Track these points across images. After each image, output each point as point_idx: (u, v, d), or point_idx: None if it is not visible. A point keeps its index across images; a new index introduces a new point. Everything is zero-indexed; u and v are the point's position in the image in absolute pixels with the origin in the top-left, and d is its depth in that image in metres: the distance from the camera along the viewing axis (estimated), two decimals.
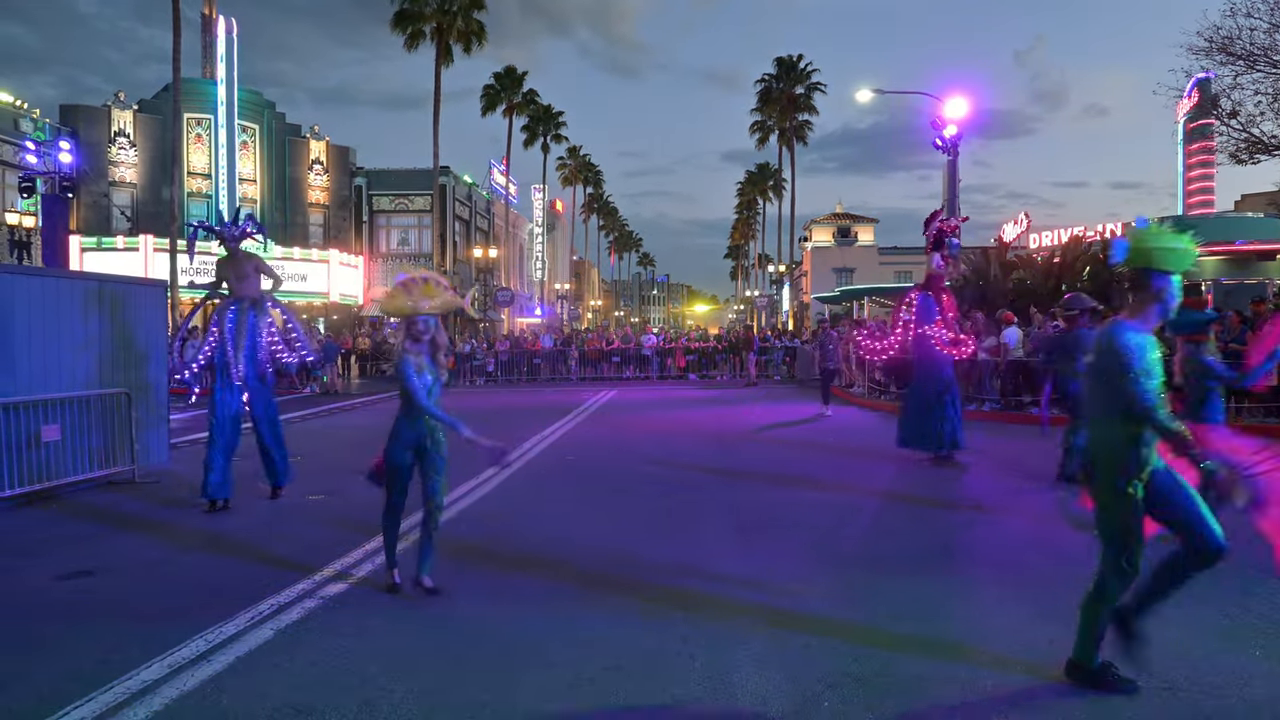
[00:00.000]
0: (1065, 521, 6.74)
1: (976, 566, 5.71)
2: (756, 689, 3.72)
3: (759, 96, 54.88)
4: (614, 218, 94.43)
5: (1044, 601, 4.77)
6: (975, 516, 7.24)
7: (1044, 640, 4.15)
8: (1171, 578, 3.50)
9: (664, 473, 9.57)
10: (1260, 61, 20.62)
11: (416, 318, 5.00)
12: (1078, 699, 3.54)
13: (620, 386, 23.97)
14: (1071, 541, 5.96)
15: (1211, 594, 4.56)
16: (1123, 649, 3.55)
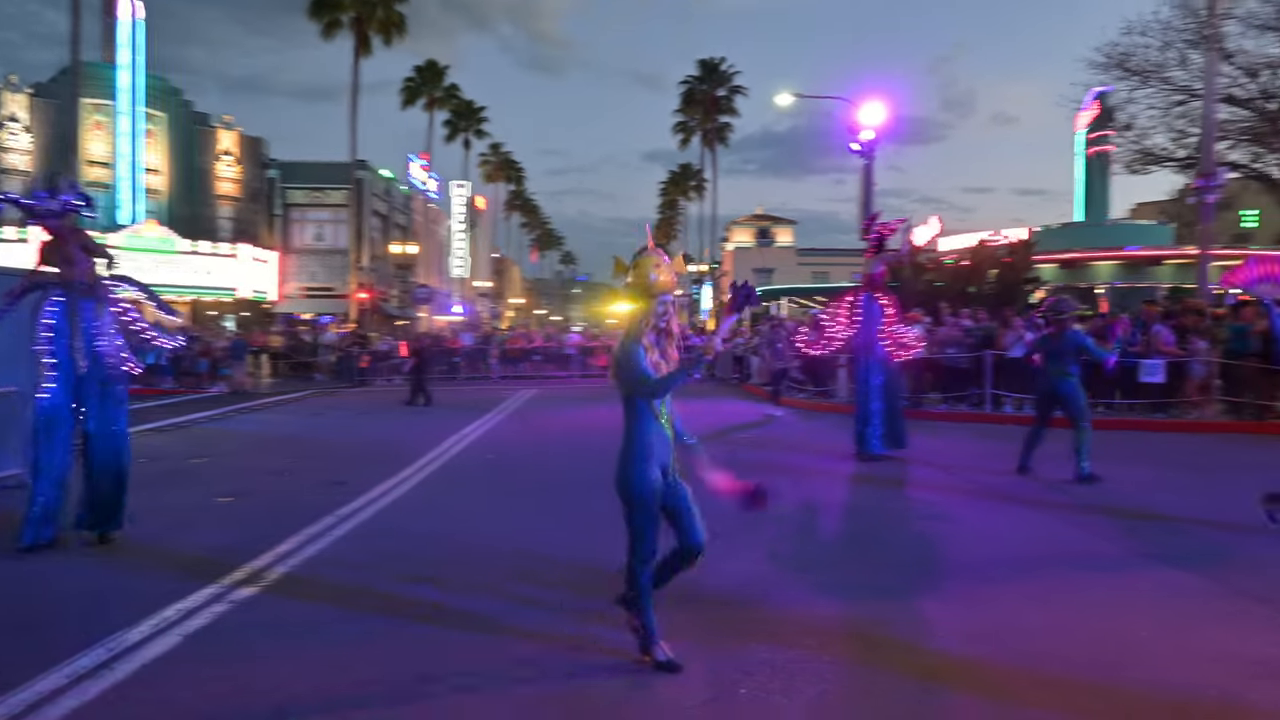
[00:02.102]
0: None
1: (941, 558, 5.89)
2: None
3: (682, 97, 55.35)
4: (536, 215, 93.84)
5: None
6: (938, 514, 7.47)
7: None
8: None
9: (587, 470, 9.57)
10: (1152, 78, 21.79)
11: (664, 297, 3.94)
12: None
13: (542, 384, 23.85)
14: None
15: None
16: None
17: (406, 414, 16.16)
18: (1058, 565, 5.62)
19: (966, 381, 15.01)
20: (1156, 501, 7.52)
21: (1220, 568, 5.47)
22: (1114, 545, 6.17)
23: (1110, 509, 7.21)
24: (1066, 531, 6.65)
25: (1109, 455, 9.01)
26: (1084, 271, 36.36)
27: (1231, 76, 20.56)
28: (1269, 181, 22.06)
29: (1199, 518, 6.86)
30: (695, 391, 21.75)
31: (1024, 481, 8.53)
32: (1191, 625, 4.44)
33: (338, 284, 37.38)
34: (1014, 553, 6.00)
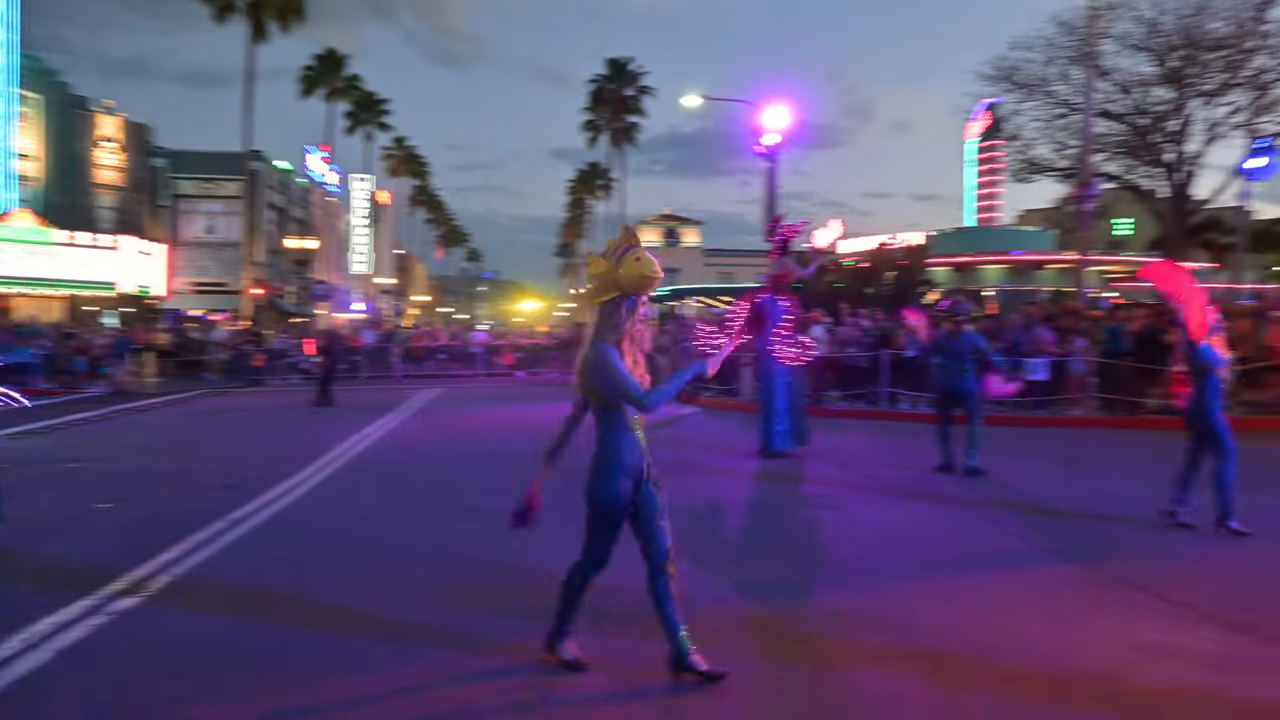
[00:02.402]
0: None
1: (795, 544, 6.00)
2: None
3: (591, 96, 55.31)
4: (441, 211, 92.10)
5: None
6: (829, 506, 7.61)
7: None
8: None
9: (495, 470, 9.43)
10: (1037, 92, 23.00)
11: (642, 296, 3.60)
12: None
13: (447, 384, 23.42)
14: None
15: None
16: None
17: (304, 414, 15.61)
18: (954, 556, 5.84)
19: (865, 380, 15.47)
20: (1043, 494, 7.91)
21: (1102, 557, 5.79)
22: (1007, 536, 6.44)
23: (1003, 503, 7.54)
24: (962, 524, 6.92)
25: (999, 451, 9.43)
26: (974, 274, 38.07)
27: (1107, 92, 21.89)
28: (1140, 191, 23.56)
29: (1082, 510, 7.25)
30: None
31: (918, 477, 8.84)
32: (1079, 613, 4.67)
33: (230, 279, 35.82)
34: (911, 545, 6.20)
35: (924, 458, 9.19)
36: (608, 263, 3.55)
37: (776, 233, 10.97)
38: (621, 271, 3.50)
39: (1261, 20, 20.25)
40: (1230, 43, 20.48)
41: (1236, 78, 20.87)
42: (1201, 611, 4.62)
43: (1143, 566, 5.53)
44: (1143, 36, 21.24)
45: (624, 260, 3.50)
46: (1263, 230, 43.00)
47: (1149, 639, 4.21)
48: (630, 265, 3.48)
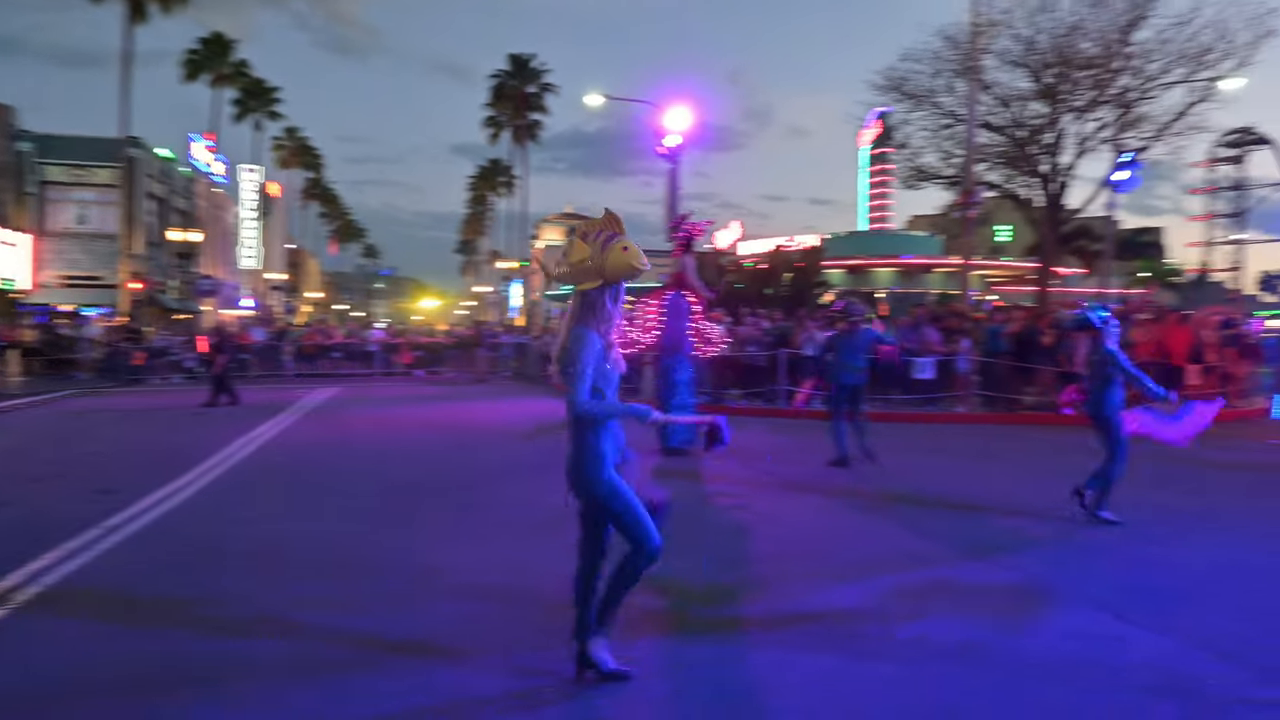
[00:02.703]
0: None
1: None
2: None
3: (492, 92, 54.61)
4: (336, 205, 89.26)
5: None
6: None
7: None
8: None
9: (391, 471, 9.23)
10: (925, 102, 23.96)
11: (623, 284, 3.50)
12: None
13: (342, 383, 22.75)
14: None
15: None
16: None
17: (189, 415, 14.87)
18: (849, 546, 6.06)
19: (763, 378, 15.83)
20: (930, 486, 8.28)
21: (983, 543, 6.10)
22: (894, 526, 6.72)
23: (892, 495, 7.86)
24: (854, 516, 7.19)
25: (889, 446, 9.81)
26: (867, 277, 39.48)
27: (989, 105, 23.00)
28: (1018, 200, 24.86)
29: (965, 500, 7.63)
30: (506, 390, 21.57)
31: (815, 471, 9.13)
32: (942, 590, 4.93)
33: (106, 272, 33.74)
34: (809, 537, 6.40)
35: (819, 453, 9.48)
36: (591, 249, 3.38)
37: (680, 230, 11.09)
38: (608, 261, 3.36)
39: (1126, 43, 21.67)
40: (1098, 63, 21.84)
41: (1104, 95, 22.28)
42: (1069, 593, 4.94)
43: (1022, 552, 5.86)
44: (1020, 53, 22.43)
45: (610, 249, 3.36)
46: (1128, 239, 46.19)
47: (1031, 619, 4.48)
48: (617, 255, 3.36)
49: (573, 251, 3.43)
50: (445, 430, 13.03)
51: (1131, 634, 4.28)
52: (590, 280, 3.40)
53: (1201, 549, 5.94)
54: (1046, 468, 9.52)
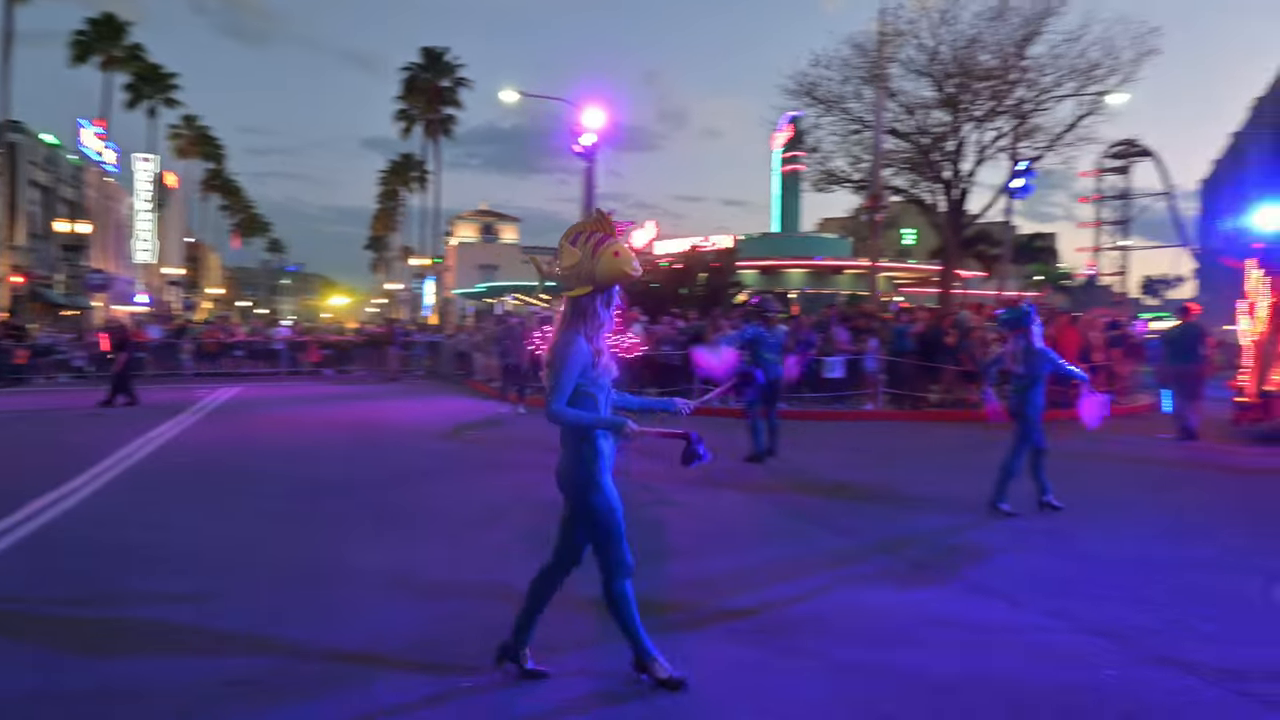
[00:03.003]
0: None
1: None
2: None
3: (404, 85, 53.48)
4: (239, 198, 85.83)
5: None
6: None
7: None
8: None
9: (297, 473, 8.95)
10: (834, 108, 24.58)
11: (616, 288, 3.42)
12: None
13: (246, 383, 21.93)
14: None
15: None
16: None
17: (82, 416, 14.09)
18: (760, 537, 6.18)
19: (679, 376, 15.98)
20: (840, 480, 8.53)
21: (884, 535, 6.32)
22: (799, 519, 6.89)
23: (802, 486, 8.06)
24: (768, 508, 7.34)
25: (802, 444, 10.06)
26: (780, 278, 40.24)
27: (895, 112, 23.77)
28: (923, 205, 25.76)
29: (872, 493, 7.88)
30: (419, 389, 21.17)
31: (733, 466, 9.28)
32: (856, 581, 5.09)
33: None
34: (727, 532, 6.51)
35: (736, 449, 9.63)
36: (581, 253, 3.30)
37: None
38: (598, 267, 3.28)
39: (1022, 57, 22.72)
40: (996, 74, 22.83)
41: (1002, 106, 23.31)
42: (971, 583, 5.17)
43: (924, 544, 6.09)
44: (925, 63, 23.25)
45: (600, 253, 3.28)
46: (1024, 243, 48.38)
47: (930, 611, 4.66)
48: (608, 261, 3.28)
49: (563, 256, 3.35)
50: (358, 430, 12.72)
51: (1025, 619, 4.51)
52: (581, 286, 3.32)
53: (1099, 540, 6.28)
54: (952, 463, 9.92)
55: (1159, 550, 5.95)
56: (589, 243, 3.30)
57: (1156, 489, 8.47)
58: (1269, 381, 11.09)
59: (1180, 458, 10.50)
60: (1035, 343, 6.98)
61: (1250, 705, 3.46)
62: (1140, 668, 3.83)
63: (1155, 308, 50.12)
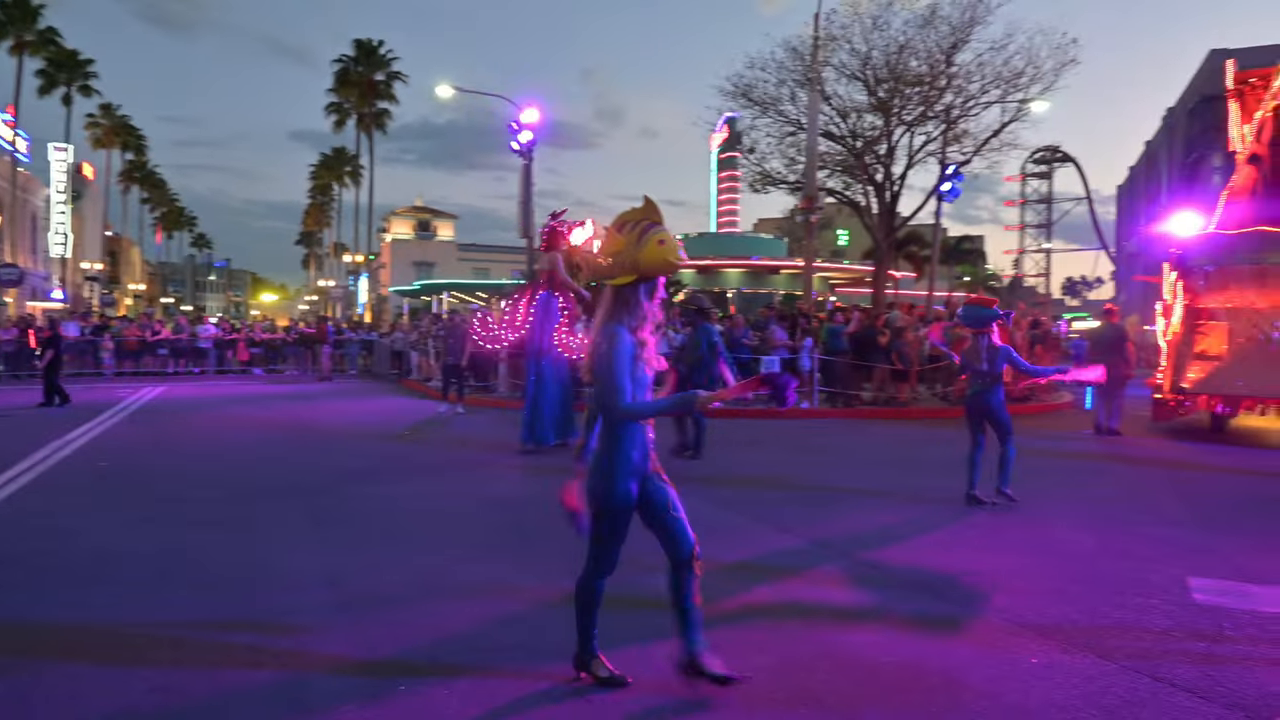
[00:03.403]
0: None
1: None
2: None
3: (336, 77, 52.39)
4: (161, 191, 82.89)
5: None
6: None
7: None
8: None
9: (226, 477, 8.71)
10: (770, 110, 24.90)
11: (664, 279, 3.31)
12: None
13: (171, 382, 21.23)
14: None
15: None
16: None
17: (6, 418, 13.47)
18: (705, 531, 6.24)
19: None
20: (774, 475, 8.66)
21: (810, 526, 6.45)
22: (728, 511, 7.00)
23: (732, 480, 8.18)
24: (699, 502, 7.41)
25: (737, 440, 10.18)
26: (717, 277, 40.58)
27: (829, 115, 24.19)
28: (856, 206, 26.28)
29: (803, 486, 8.03)
30: (353, 389, 20.77)
31: (675, 463, 9.36)
32: (791, 572, 5.20)
33: None
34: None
35: (663, 444, 9.72)
36: (626, 240, 3.17)
37: (546, 226, 10.99)
38: (642, 255, 3.14)
39: (949, 64, 23.36)
40: (926, 80, 23.42)
41: (931, 111, 23.92)
42: (887, 573, 5.32)
43: (849, 537, 6.23)
44: (857, 68, 23.73)
45: (645, 241, 3.14)
46: (953, 245, 49.75)
47: (844, 600, 4.79)
48: (652, 249, 3.14)
49: (609, 244, 3.22)
50: (291, 431, 12.42)
51: (942, 609, 4.67)
52: (625, 274, 3.19)
53: (1021, 531, 6.52)
54: (883, 457, 10.16)
55: (1083, 542, 6.19)
56: (634, 230, 3.17)
57: (1078, 482, 8.80)
58: (1184, 379, 11.64)
59: (1101, 451, 10.95)
60: (997, 340, 7.26)
61: (1168, 691, 3.64)
62: (1064, 655, 3.99)
63: (1075, 308, 52.10)
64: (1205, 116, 35.50)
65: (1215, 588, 5.04)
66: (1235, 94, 13.94)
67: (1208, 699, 3.53)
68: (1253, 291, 11.43)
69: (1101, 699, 3.50)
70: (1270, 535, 6.41)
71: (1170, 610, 4.66)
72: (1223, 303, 11.76)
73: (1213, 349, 11.67)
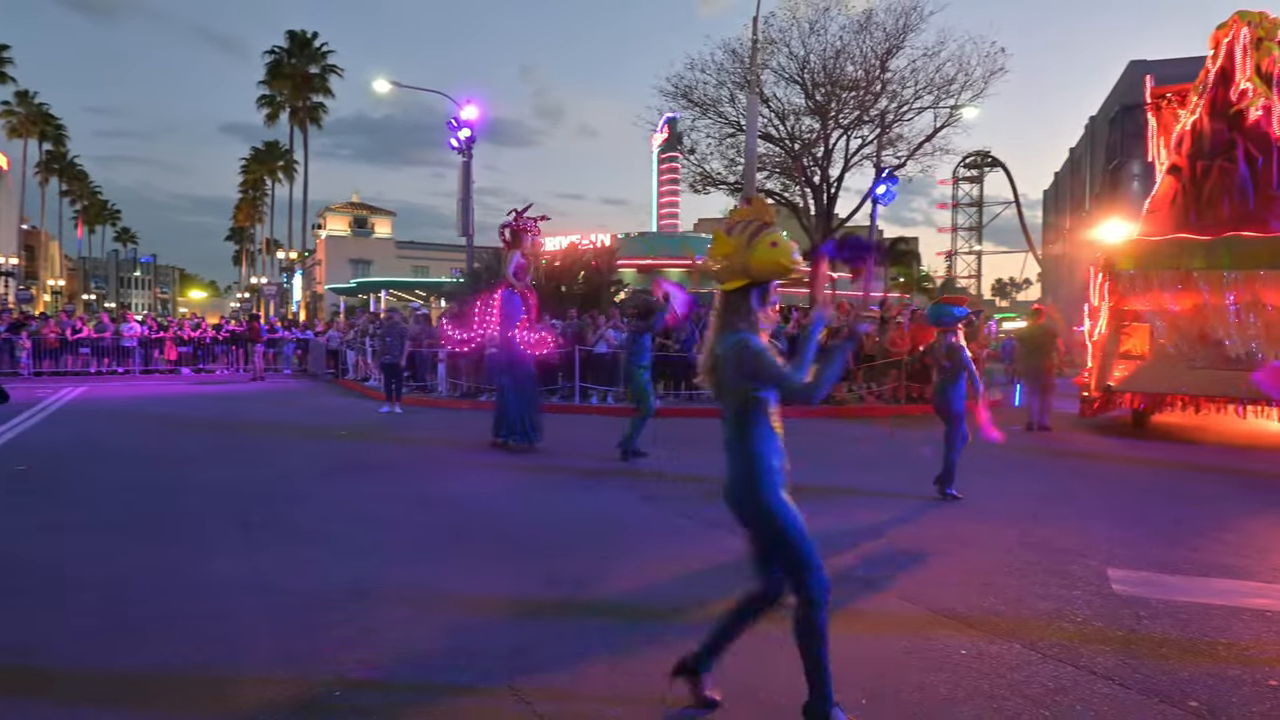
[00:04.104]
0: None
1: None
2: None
3: (269, 69, 51.09)
4: (83, 183, 79.79)
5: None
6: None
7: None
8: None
9: (146, 479, 8.43)
10: (710, 111, 25.11)
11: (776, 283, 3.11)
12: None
13: (94, 382, 20.45)
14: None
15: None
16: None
17: None
18: (643, 529, 6.27)
19: (558, 375, 15.97)
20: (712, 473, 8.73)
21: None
22: (667, 510, 7.05)
23: (682, 478, 8.23)
24: (637, 498, 7.46)
25: (679, 439, 10.22)
26: (658, 276, 40.74)
27: (768, 118, 24.50)
28: (795, 208, 26.66)
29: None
30: (287, 388, 20.28)
31: (617, 462, 9.40)
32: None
33: None
34: (605, 519, 6.58)
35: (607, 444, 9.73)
36: (736, 243, 3.01)
37: (514, 224, 10.89)
38: (754, 258, 2.98)
39: (884, 70, 23.89)
40: (862, 85, 23.91)
41: (867, 115, 24.43)
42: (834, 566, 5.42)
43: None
44: (795, 71, 24.10)
45: (756, 244, 2.98)
46: (888, 247, 50.82)
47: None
48: (764, 251, 2.98)
49: (718, 247, 3.07)
50: (220, 431, 12.08)
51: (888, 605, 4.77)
52: (736, 279, 3.03)
53: (956, 524, 6.70)
54: (817, 453, 10.32)
55: (1009, 535, 6.38)
56: (744, 232, 3.02)
57: (1007, 476, 9.07)
58: (1110, 378, 12.13)
59: (1030, 446, 11.31)
60: (960, 340, 7.47)
61: (1089, 679, 3.78)
62: (992, 645, 4.12)
63: (1005, 309, 53.71)
64: (1125, 125, 36.94)
65: (1133, 578, 5.26)
66: (1153, 108, 14.62)
67: (1126, 685, 3.68)
68: (1173, 295, 11.95)
69: (1027, 688, 3.62)
70: (1183, 527, 6.70)
71: (1091, 601, 4.84)
72: (1146, 305, 12.29)
73: (1136, 349, 12.22)
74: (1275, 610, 4.72)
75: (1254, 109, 12.40)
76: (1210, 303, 11.61)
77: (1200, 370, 11.65)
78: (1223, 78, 12.85)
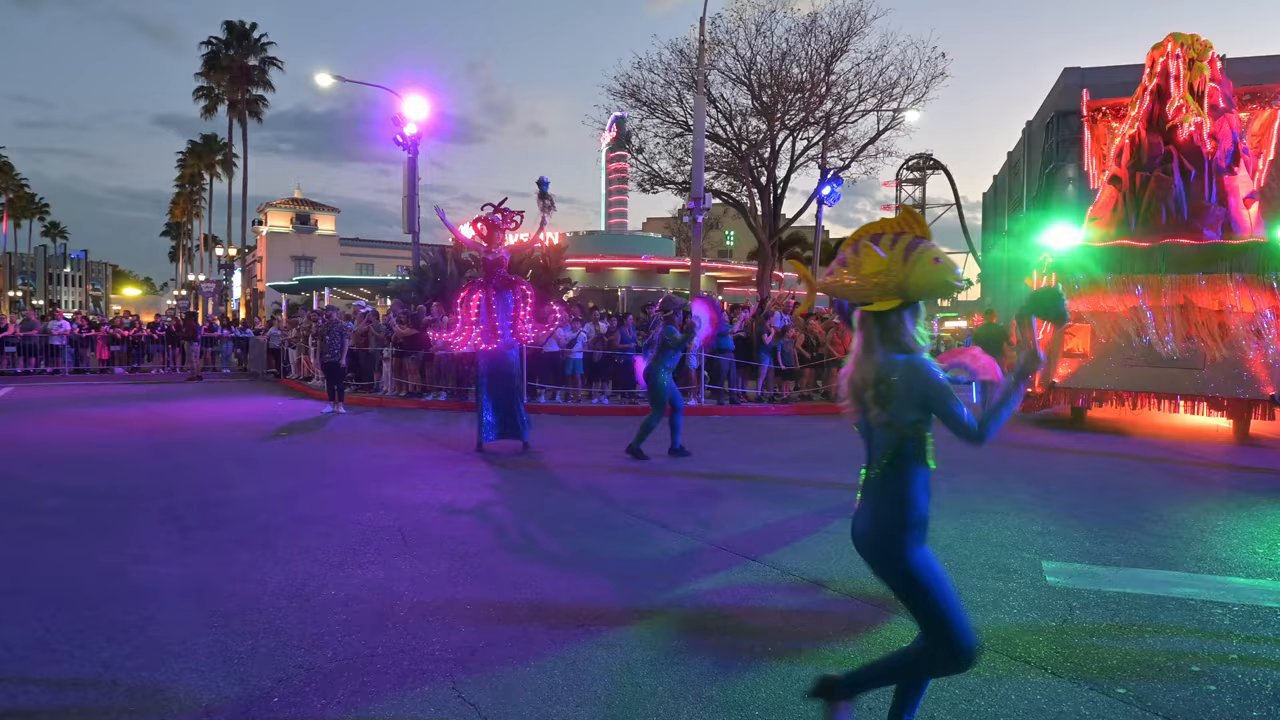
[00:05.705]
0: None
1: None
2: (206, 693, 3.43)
3: (205, 60, 49.78)
4: (8, 175, 76.77)
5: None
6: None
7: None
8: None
9: (77, 482, 8.14)
10: (658, 110, 25.18)
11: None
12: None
13: (19, 382, 19.68)
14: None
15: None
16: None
17: None
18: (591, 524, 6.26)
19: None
20: (683, 466, 8.78)
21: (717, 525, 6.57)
22: (620, 509, 7.06)
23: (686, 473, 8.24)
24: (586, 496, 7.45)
25: (628, 436, 10.23)
26: (607, 275, 40.69)
27: (715, 118, 24.66)
28: (742, 208, 26.89)
29: (717, 475, 8.17)
30: (226, 388, 19.78)
31: (574, 460, 9.35)
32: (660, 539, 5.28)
33: None
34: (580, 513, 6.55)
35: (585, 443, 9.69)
36: (890, 259, 2.65)
37: (491, 219, 10.73)
38: (913, 276, 2.63)
39: (829, 72, 24.23)
40: (807, 87, 24.21)
41: (812, 117, 24.75)
42: (765, 564, 5.48)
43: (733, 531, 6.39)
44: (742, 72, 24.30)
45: (915, 260, 2.62)
46: (834, 247, 51.55)
47: (726, 594, 4.91)
48: (926, 268, 2.62)
49: (864, 261, 2.69)
50: (155, 433, 11.72)
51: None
52: (888, 298, 2.67)
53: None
54: (764, 450, 10.44)
55: (948, 529, 6.52)
56: (897, 245, 2.67)
57: (946, 471, 9.26)
58: (1054, 375, 12.58)
59: None
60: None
61: (1023, 668, 3.88)
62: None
63: (946, 308, 54.89)
64: (1060, 130, 37.99)
65: (1066, 571, 5.43)
66: (1089, 120, 15.28)
67: (1058, 674, 3.80)
68: (1114, 297, 12.57)
69: (964, 679, 3.70)
70: (1114, 519, 6.93)
71: (1026, 592, 4.98)
72: (1088, 307, 12.82)
73: (1079, 348, 12.77)
74: (1198, 599, 4.91)
75: (1187, 125, 13.03)
76: (1148, 304, 12.24)
77: (1138, 368, 12.21)
78: (1159, 95, 13.47)
